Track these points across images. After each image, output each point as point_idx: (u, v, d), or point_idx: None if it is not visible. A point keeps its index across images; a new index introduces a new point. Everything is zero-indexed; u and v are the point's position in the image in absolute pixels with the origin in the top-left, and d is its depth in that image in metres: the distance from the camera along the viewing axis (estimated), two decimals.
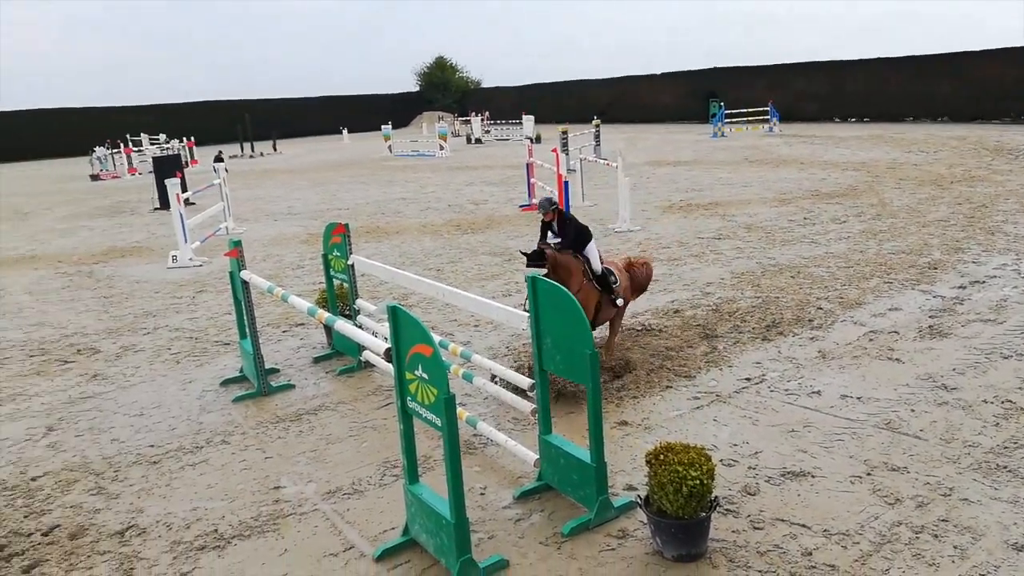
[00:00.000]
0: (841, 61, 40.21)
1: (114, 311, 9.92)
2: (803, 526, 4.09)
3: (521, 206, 17.01)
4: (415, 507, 4.03)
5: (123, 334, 8.80)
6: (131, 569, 4.11)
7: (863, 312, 7.82)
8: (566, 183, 13.62)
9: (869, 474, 4.60)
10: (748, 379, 6.25)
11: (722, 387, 6.11)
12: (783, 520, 4.16)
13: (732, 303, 8.46)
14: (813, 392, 5.90)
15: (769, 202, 15.49)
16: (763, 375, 6.31)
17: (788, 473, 4.67)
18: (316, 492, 4.84)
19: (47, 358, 8.07)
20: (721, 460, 4.83)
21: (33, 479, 5.28)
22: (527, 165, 16.84)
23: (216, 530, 4.46)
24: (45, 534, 4.53)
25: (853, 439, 5.07)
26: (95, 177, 33.63)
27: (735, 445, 5.09)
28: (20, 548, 4.39)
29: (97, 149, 36.87)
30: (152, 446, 5.69)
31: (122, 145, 38.23)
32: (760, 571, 3.72)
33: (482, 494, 4.68)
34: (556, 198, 6.80)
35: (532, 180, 16.65)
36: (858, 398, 5.72)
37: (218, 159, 26.06)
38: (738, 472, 4.72)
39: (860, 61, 39.38)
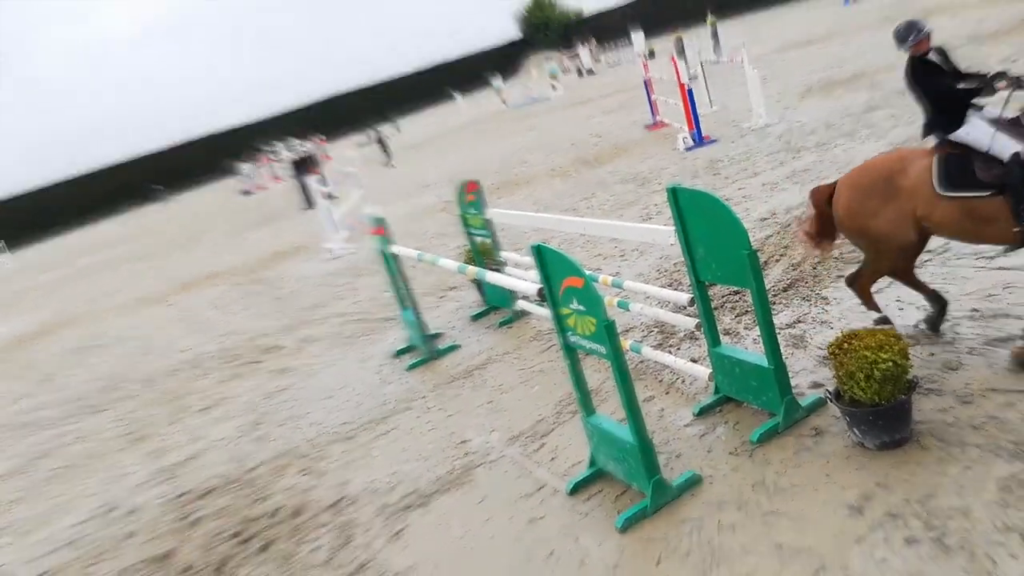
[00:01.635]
0: None
1: (287, 309, 10.70)
2: (1020, 392, 3.70)
3: (646, 126, 16.44)
4: (597, 437, 4.05)
5: (299, 328, 9.48)
6: (351, 535, 4.45)
7: None
8: (690, 91, 12.93)
9: None
10: (929, 251, 5.70)
11: None
12: (995, 390, 3.79)
13: None
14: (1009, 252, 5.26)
15: None
16: (947, 244, 5.74)
17: (993, 340, 4.24)
18: (500, 440, 5.00)
19: (240, 361, 8.85)
20: (914, 340, 4.46)
21: (250, 470, 5.83)
22: (645, 83, 16.20)
23: (417, 489, 4.72)
24: (271, 516, 5.01)
25: None
26: (246, 192, 36.27)
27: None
28: (254, 531, 4.88)
29: (243, 166, 39.65)
30: (345, 423, 6.11)
31: (260, 157, 40.81)
32: (978, 445, 3.41)
33: (660, 417, 4.63)
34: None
35: (653, 97, 16.00)
36: None
37: (380, 137, 27.63)
38: (934, 349, 4.34)
39: None
